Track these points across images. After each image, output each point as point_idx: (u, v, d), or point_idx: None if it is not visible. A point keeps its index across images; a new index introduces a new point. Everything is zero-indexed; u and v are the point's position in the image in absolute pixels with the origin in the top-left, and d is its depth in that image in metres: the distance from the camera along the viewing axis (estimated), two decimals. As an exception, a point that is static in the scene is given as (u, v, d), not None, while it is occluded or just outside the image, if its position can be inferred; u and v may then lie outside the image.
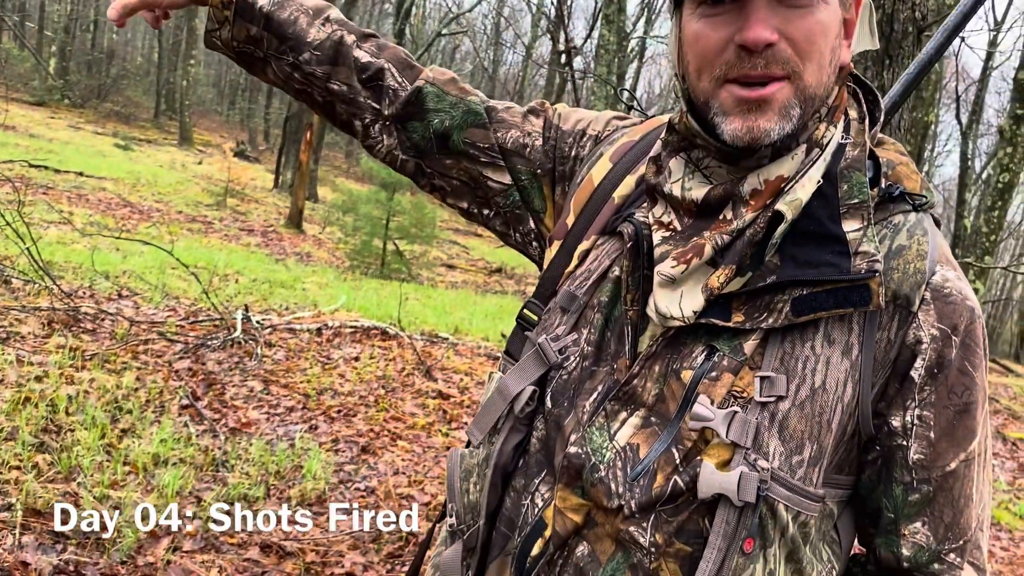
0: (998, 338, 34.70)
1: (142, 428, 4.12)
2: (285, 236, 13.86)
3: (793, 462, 0.89)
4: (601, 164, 1.13)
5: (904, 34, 2.39)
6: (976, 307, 0.92)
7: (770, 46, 0.85)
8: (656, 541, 0.91)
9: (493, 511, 1.07)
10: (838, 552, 0.99)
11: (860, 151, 0.94)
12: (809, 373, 0.89)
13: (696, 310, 0.91)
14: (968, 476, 0.93)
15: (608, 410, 0.96)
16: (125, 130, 25.85)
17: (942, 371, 0.90)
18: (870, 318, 0.90)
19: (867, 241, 0.88)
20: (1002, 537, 5.49)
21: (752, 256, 0.90)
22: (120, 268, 7.56)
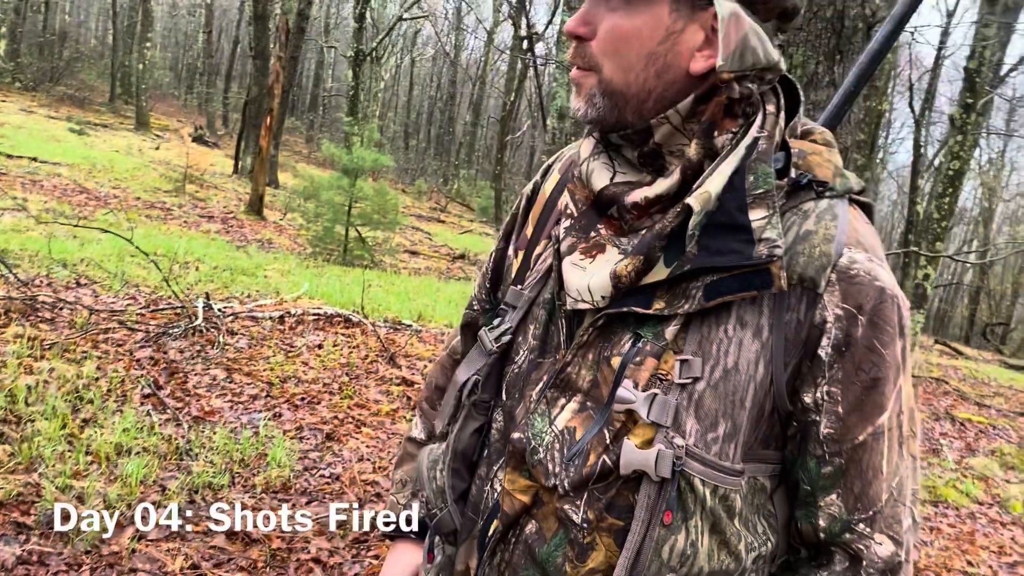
0: (949, 322, 35.48)
1: (104, 418, 4.11)
2: (246, 223, 13.72)
3: (708, 439, 0.95)
4: (552, 177, 1.22)
5: (854, 30, 2.46)
6: (888, 287, 0.96)
7: (581, 39, 0.97)
8: (588, 517, 0.98)
9: (461, 497, 1.15)
10: (775, 525, 1.04)
11: (769, 143, 0.98)
12: (723, 355, 0.95)
13: (604, 294, 0.98)
14: (877, 449, 0.98)
15: (549, 397, 1.04)
16: (79, 114, 25.32)
17: (849, 349, 0.95)
18: (778, 301, 0.96)
19: (770, 228, 0.93)
20: (949, 514, 5.67)
21: (666, 248, 0.96)
22: (78, 256, 7.46)
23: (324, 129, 41.68)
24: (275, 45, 16.15)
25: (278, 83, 15.07)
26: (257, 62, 19.27)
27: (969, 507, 5.93)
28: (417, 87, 48.94)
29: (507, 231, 1.28)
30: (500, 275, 1.26)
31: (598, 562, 0.98)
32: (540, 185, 1.23)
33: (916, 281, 12.73)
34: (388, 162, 13.02)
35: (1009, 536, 5.43)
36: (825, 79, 2.47)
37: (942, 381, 12.08)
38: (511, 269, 1.20)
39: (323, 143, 16.58)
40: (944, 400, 10.50)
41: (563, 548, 1.00)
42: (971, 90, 12.44)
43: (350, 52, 24.94)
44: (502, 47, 36.15)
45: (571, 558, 0.99)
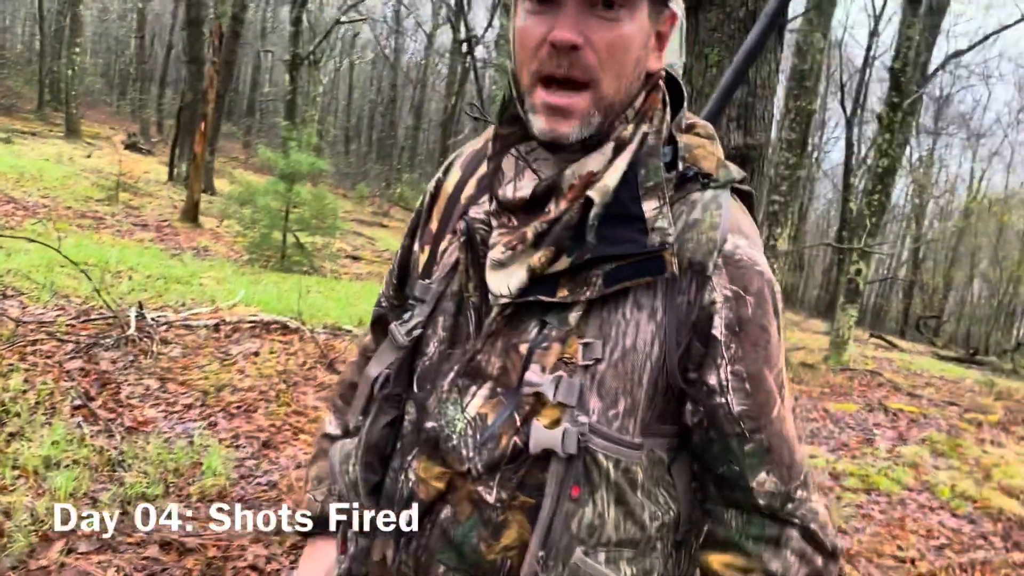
0: (885, 315, 36.44)
1: (32, 431, 4.01)
2: (181, 230, 13.48)
3: (609, 415, 1.01)
4: (453, 174, 1.25)
5: (768, 31, 2.53)
6: (767, 273, 1.05)
7: (575, 49, 0.96)
8: (501, 497, 1.03)
9: (375, 488, 1.17)
10: (675, 495, 1.09)
11: (658, 139, 1.06)
12: (621, 336, 1.01)
13: (520, 286, 1.02)
14: (787, 419, 1.06)
15: (460, 386, 1.08)
16: (6, 122, 24.58)
17: (743, 328, 1.02)
18: (671, 284, 1.02)
19: (662, 218, 1.00)
20: (880, 501, 5.83)
21: (572, 239, 1.01)
22: (4, 267, 7.25)
23: (262, 134, 41.10)
24: (209, 50, 15.90)
25: (212, 88, 14.86)
26: (191, 67, 18.96)
27: (900, 494, 6.11)
28: (357, 91, 48.62)
29: (412, 228, 1.30)
30: (407, 272, 1.29)
31: (511, 539, 1.03)
32: (442, 182, 1.26)
33: (848, 276, 13.06)
34: (325, 166, 12.93)
35: (937, 520, 5.61)
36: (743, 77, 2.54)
37: (876, 373, 12.41)
38: (418, 264, 1.23)
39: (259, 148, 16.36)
40: (878, 391, 10.79)
41: (477, 529, 1.04)
42: (897, 89, 12.81)
43: (287, 56, 24.67)
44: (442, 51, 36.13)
45: (485, 537, 1.03)
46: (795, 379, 10.84)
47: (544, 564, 1.00)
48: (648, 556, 1.06)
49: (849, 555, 4.65)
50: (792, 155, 11.33)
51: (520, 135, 1.07)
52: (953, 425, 9.09)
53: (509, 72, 1.07)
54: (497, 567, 1.04)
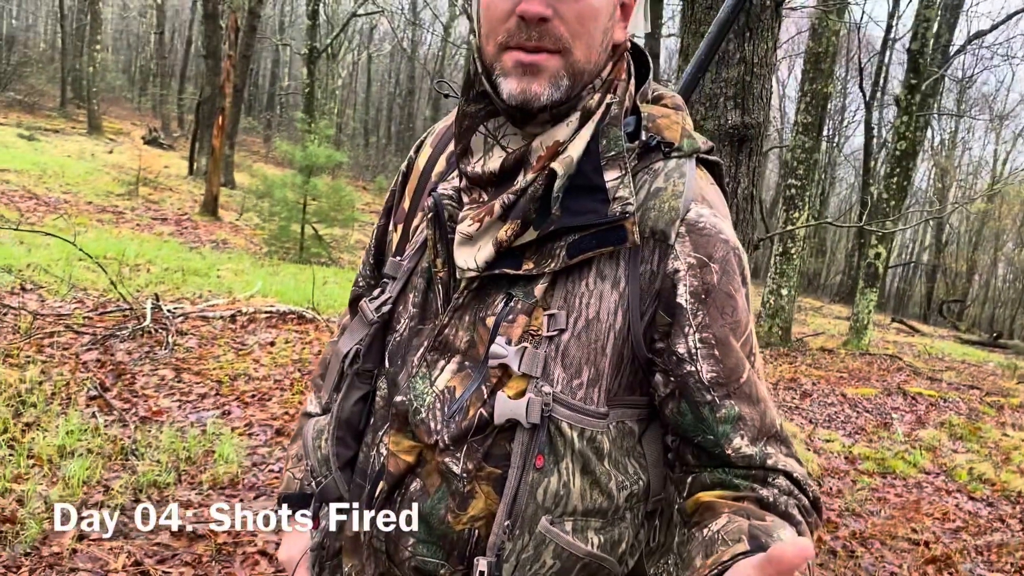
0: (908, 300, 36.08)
1: (47, 421, 4.07)
2: (200, 224, 13.59)
3: (573, 385, 1.01)
4: (424, 151, 1.25)
5: (762, 7, 2.52)
6: (731, 240, 1.04)
7: (545, 21, 0.96)
8: (468, 467, 1.03)
9: (348, 464, 1.19)
10: (645, 465, 1.10)
11: (620, 109, 1.06)
12: (584, 307, 1.01)
13: (488, 260, 1.02)
14: (756, 383, 1.05)
15: (429, 360, 1.08)
16: (30, 120, 24.86)
17: (709, 295, 1.02)
18: (633, 254, 1.02)
19: (623, 187, 1.00)
20: (896, 484, 5.80)
21: (538, 211, 1.01)
22: (24, 261, 7.36)
23: (282, 128, 41.30)
24: (226, 44, 15.98)
25: (229, 82, 14.94)
26: (209, 62, 19.06)
27: (916, 477, 6.07)
28: (375, 83, 48.66)
29: (387, 207, 1.31)
30: (383, 250, 1.29)
31: (478, 509, 1.03)
32: (414, 160, 1.26)
33: (868, 260, 12.94)
34: (342, 158, 12.98)
35: (954, 503, 5.57)
36: (736, 56, 2.52)
37: (896, 357, 12.31)
38: (392, 243, 1.24)
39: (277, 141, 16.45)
40: (897, 376, 10.71)
41: (445, 500, 1.05)
42: (915, 71, 12.65)
43: (305, 50, 24.74)
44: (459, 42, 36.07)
45: (452, 508, 1.04)
46: (814, 364, 10.77)
47: (510, 533, 1.00)
48: (617, 526, 1.07)
49: (863, 537, 4.63)
50: (808, 138, 11.24)
51: (487, 112, 1.05)
52: (973, 409, 9.01)
53: (474, 47, 1.06)
54: (465, 537, 1.04)
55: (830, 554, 4.35)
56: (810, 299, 26.58)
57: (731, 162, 2.63)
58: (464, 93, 1.08)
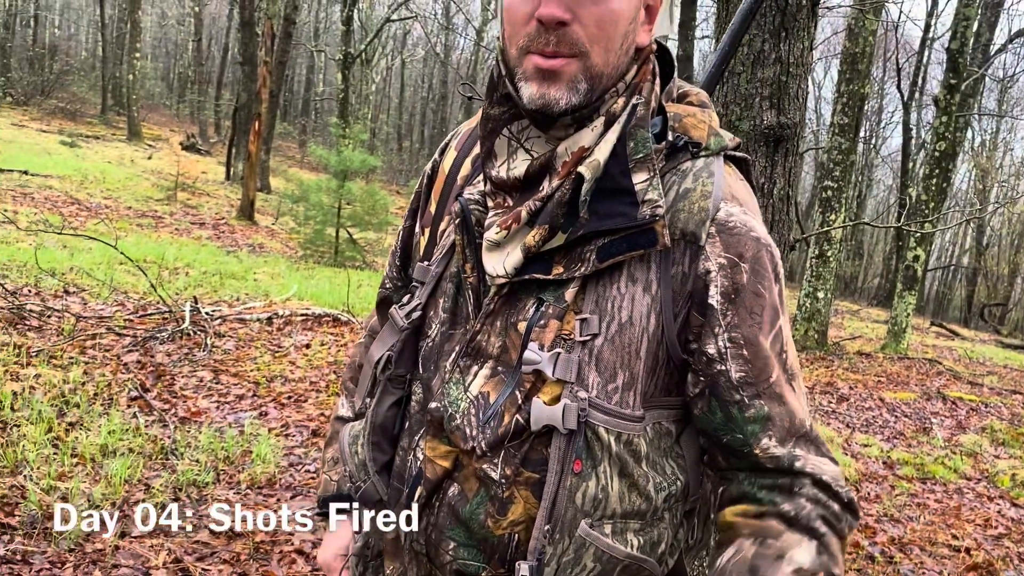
0: (948, 304, 35.49)
1: (90, 421, 4.15)
2: (237, 228, 13.77)
3: (608, 389, 1.01)
4: (449, 154, 1.25)
5: (798, 7, 2.50)
6: (762, 238, 1.03)
7: (563, 25, 0.96)
8: (506, 473, 1.04)
9: (385, 467, 1.21)
10: (684, 465, 1.10)
11: (646, 110, 1.05)
12: (617, 310, 1.02)
13: (516, 266, 1.03)
14: (785, 383, 1.05)
15: (462, 366, 1.09)
16: (71, 127, 25.36)
17: (739, 295, 1.01)
18: (664, 256, 1.02)
19: (651, 190, 1.00)
20: (936, 490, 5.71)
21: (566, 215, 1.01)
22: (67, 265, 7.51)
23: (316, 133, 41.70)
24: (262, 51, 16.18)
25: (265, 88, 15.12)
26: (245, 68, 19.33)
27: (957, 483, 5.97)
28: (408, 88, 48.95)
29: (413, 209, 1.31)
30: (409, 253, 1.30)
31: (518, 514, 1.04)
32: (439, 163, 1.26)
33: (906, 263, 12.77)
34: (376, 163, 13.08)
35: (996, 510, 5.48)
36: (771, 56, 2.51)
37: (935, 362, 12.12)
38: (419, 246, 1.24)
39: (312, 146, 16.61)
40: (937, 380, 10.55)
41: (484, 505, 1.06)
42: (955, 71, 12.46)
43: (339, 55, 24.96)
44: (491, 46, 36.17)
45: (492, 513, 1.05)
46: (851, 368, 10.65)
47: (551, 537, 1.01)
48: (656, 527, 1.07)
49: (902, 543, 4.57)
50: (845, 139, 11.12)
51: (511, 114, 1.05)
52: (1016, 414, 8.85)
53: (497, 50, 1.06)
54: (505, 542, 1.05)
55: (868, 559, 4.30)
56: (847, 302, 26.26)
57: (767, 163, 2.61)
58: (488, 95, 1.08)
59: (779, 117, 2.56)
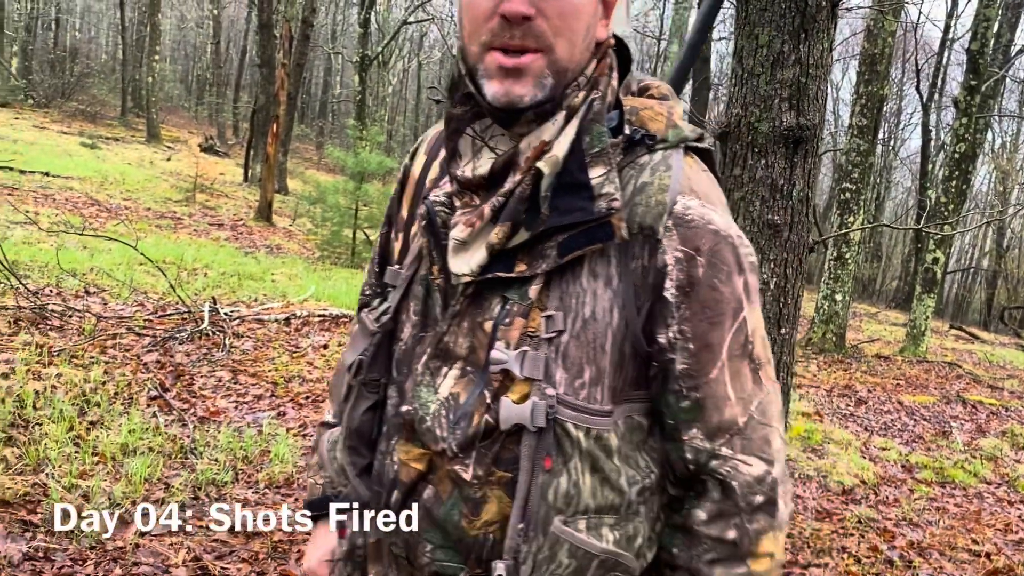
0: (967, 307, 35.20)
1: (110, 420, 4.19)
2: (255, 229, 13.85)
3: (576, 385, 1.02)
4: (419, 159, 1.26)
5: (818, 8, 2.50)
6: (722, 230, 1.04)
7: (528, 19, 0.96)
8: (478, 474, 1.05)
9: (364, 472, 1.21)
10: (657, 458, 1.11)
11: (602, 104, 1.05)
12: (580, 306, 1.02)
13: (481, 264, 1.03)
14: (725, 379, 1.05)
15: (432, 368, 1.10)
16: (91, 129, 25.58)
17: (693, 289, 1.02)
18: (624, 251, 1.02)
19: (608, 183, 1.00)
20: (956, 495, 5.67)
21: (528, 211, 1.01)
22: (87, 265, 7.58)
23: (334, 135, 41.87)
24: (280, 53, 16.27)
25: (283, 90, 15.20)
26: (263, 71, 19.44)
27: (976, 487, 5.92)
28: (425, 90, 49.04)
29: (388, 215, 1.32)
30: (387, 259, 1.30)
31: (492, 514, 1.05)
32: (409, 167, 1.27)
33: (925, 265, 12.68)
34: (393, 164, 13.11)
35: (1016, 514, 5.43)
36: (791, 58, 2.51)
37: (955, 365, 12.03)
38: (394, 251, 1.25)
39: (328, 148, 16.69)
40: (956, 384, 10.47)
41: (459, 506, 1.06)
42: (975, 72, 12.37)
43: (356, 58, 25.06)
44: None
45: (466, 514, 1.06)
46: (869, 371, 10.58)
47: (525, 536, 1.02)
48: (631, 521, 1.07)
49: (921, 548, 4.54)
50: (863, 141, 11.06)
51: (474, 114, 1.06)
52: (1037, 418, 8.76)
53: (456, 49, 1.06)
54: (481, 542, 1.06)
55: (887, 564, 4.27)
56: (865, 305, 26.10)
57: (786, 164, 2.61)
58: (450, 95, 1.08)
59: (799, 118, 2.55)
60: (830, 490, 5.37)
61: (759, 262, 2.75)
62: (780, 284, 2.76)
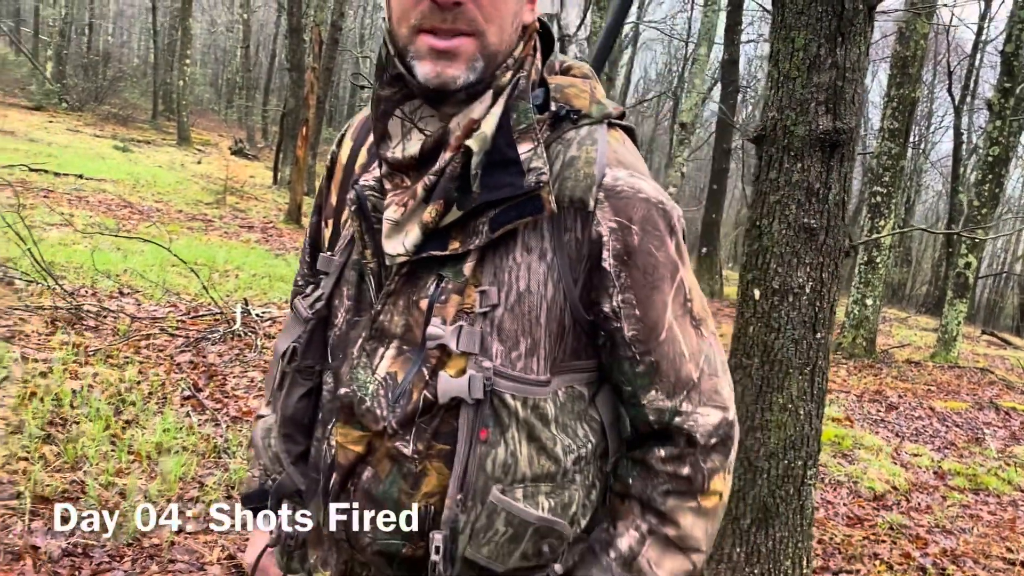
0: (1000, 312, 34.70)
1: (145, 419, 4.25)
2: (285, 231, 13.96)
3: (512, 357, 1.04)
4: (345, 145, 1.27)
5: (855, 11, 2.48)
6: (651, 197, 1.07)
7: (458, 4, 0.98)
8: (418, 448, 1.07)
9: (302, 458, 1.23)
10: (597, 428, 1.14)
11: (527, 83, 1.08)
12: (515, 280, 1.04)
13: (416, 244, 1.05)
14: (675, 338, 1.09)
15: (368, 349, 1.11)
16: (124, 132, 25.92)
17: (631, 257, 1.05)
18: (556, 224, 1.05)
19: (536, 158, 1.03)
20: (990, 502, 5.60)
21: (459, 189, 1.03)
22: (121, 267, 7.68)
23: (361, 138, 42.01)
24: (309, 57, 16.41)
25: (312, 94, 15.31)
26: (293, 74, 19.60)
27: (1011, 495, 5.85)
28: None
29: (317, 204, 1.33)
30: (318, 249, 1.31)
31: (431, 486, 1.07)
32: (336, 154, 1.28)
33: (957, 270, 12.53)
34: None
35: (1052, 523, 5.35)
36: (827, 61, 2.50)
37: (987, 371, 11.87)
38: (324, 239, 1.26)
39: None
40: (989, 390, 10.33)
41: (397, 483, 1.08)
42: (1009, 74, 12.22)
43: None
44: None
45: (406, 489, 1.08)
46: (899, 376, 10.47)
47: (463, 505, 1.04)
48: (567, 488, 1.09)
49: (954, 555, 4.49)
50: (895, 145, 10.95)
51: (403, 95, 1.06)
52: (1073, 425, 8.62)
53: (384, 31, 1.07)
54: (421, 515, 1.08)
55: (920, 571, 4.23)
56: (895, 310, 25.82)
57: (822, 168, 2.60)
58: (378, 77, 1.09)
59: (835, 122, 2.54)
60: (861, 496, 5.32)
61: (795, 266, 2.77)
62: (816, 288, 2.75)
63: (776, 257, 2.78)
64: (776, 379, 2.86)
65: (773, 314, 2.82)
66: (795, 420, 2.88)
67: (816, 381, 2.89)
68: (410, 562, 1.11)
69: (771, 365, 2.86)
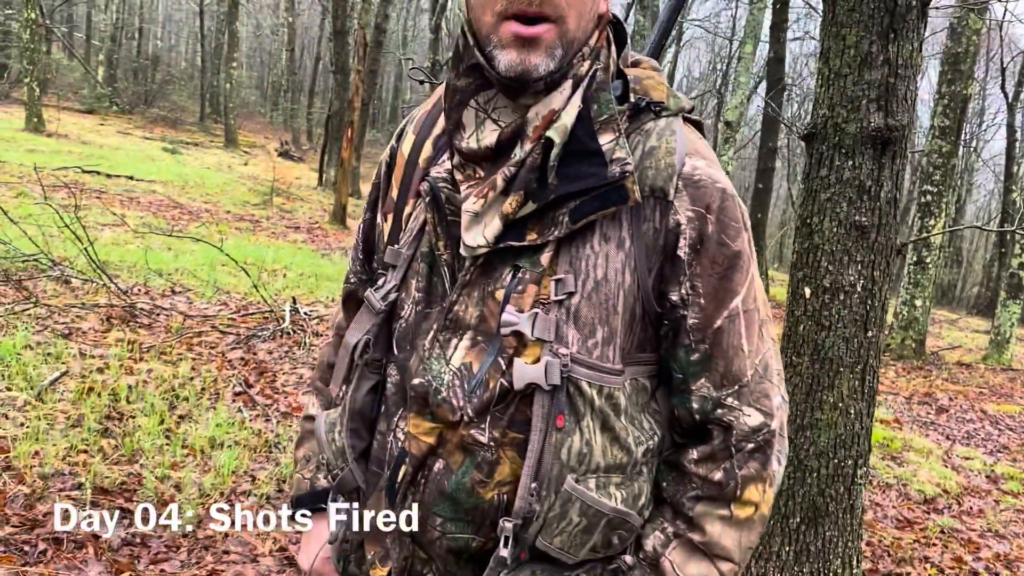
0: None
1: (198, 414, 4.34)
2: (330, 232, 14.13)
3: (589, 344, 1.04)
4: (407, 139, 1.26)
5: (908, 8, 2.46)
6: (727, 188, 1.08)
7: None
8: (495, 436, 1.07)
9: (363, 455, 1.22)
10: (660, 420, 1.14)
11: (606, 74, 1.08)
12: (592, 269, 1.05)
13: (496, 234, 1.05)
14: (735, 330, 1.09)
15: (441, 340, 1.11)
16: (172, 134, 26.41)
17: (703, 246, 1.05)
18: (635, 213, 1.05)
19: (619, 149, 1.03)
20: None
21: (537, 181, 1.03)
22: (173, 266, 7.85)
23: (404, 139, 42.29)
24: (354, 59, 16.57)
25: (358, 96, 15.46)
26: (338, 77, 19.81)
27: (1066, 499, 5.71)
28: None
29: (372, 201, 1.33)
30: (372, 245, 1.31)
31: (505, 475, 1.07)
32: (397, 148, 1.27)
33: (1011, 270, 12.26)
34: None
35: (1110, 528, 5.22)
36: (879, 58, 2.47)
37: (1042, 375, 11.60)
38: (383, 235, 1.25)
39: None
40: (1042, 394, 10.10)
41: (470, 473, 1.08)
42: (1065, 70, 11.93)
43: (427, 63, 25.34)
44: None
45: (480, 479, 1.08)
46: (950, 379, 10.28)
47: (537, 494, 1.04)
48: (636, 480, 1.10)
49: (1008, 560, 4.41)
50: (946, 143, 10.76)
51: (478, 85, 1.06)
52: None
53: (463, 20, 1.06)
54: (495, 504, 1.07)
55: (972, 575, 4.16)
56: (944, 311, 25.33)
57: (873, 165, 2.58)
58: (454, 67, 1.09)
59: (887, 119, 2.52)
60: (911, 499, 5.24)
61: (846, 263, 2.75)
62: (867, 286, 2.73)
63: (827, 255, 2.76)
64: (826, 377, 2.85)
65: (824, 312, 2.81)
66: (845, 419, 2.86)
67: (867, 380, 2.87)
68: (477, 556, 1.11)
69: (821, 363, 2.85)
